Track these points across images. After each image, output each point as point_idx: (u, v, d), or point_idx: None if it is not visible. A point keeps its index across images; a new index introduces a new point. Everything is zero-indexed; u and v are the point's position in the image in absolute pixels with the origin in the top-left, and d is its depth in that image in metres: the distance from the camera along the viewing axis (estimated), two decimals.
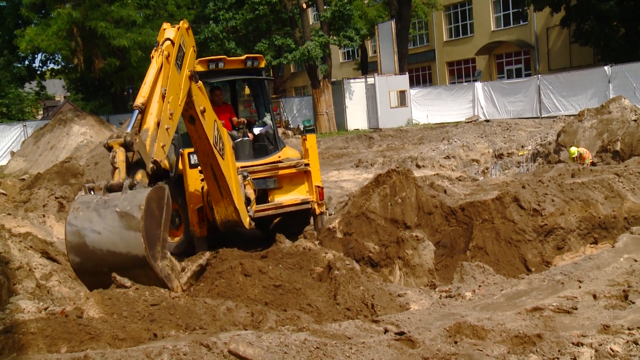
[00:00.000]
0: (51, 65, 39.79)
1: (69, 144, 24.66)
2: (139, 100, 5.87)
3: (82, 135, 25.27)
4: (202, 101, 7.23)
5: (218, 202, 8.01)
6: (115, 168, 5.47)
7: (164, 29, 6.75)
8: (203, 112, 7.20)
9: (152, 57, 6.41)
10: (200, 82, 7.21)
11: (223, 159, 7.69)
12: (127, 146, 5.48)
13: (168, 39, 6.53)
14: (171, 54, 6.45)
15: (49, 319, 4.44)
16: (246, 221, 8.39)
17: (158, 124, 5.94)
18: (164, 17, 35.29)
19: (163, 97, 6.13)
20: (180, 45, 6.72)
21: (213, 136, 7.43)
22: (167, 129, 6.14)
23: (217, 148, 7.56)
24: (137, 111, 5.77)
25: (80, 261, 5.17)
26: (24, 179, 18.17)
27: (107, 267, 5.14)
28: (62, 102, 54.29)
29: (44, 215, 9.32)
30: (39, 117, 52.30)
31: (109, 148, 5.55)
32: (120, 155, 5.50)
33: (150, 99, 5.97)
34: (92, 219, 5.17)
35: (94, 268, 5.19)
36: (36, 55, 37.75)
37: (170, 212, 5.76)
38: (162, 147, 5.99)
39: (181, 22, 7.08)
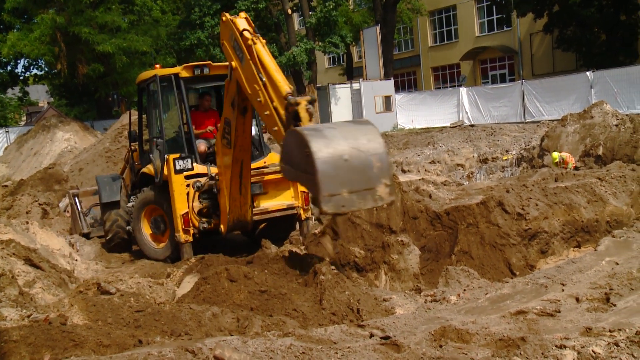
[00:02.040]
0: (34, 71, 39.53)
1: (53, 150, 24.47)
2: (286, 89, 6.51)
3: (66, 141, 25.08)
4: None
5: (235, 200, 8.07)
6: (311, 115, 6.07)
7: (230, 19, 7.21)
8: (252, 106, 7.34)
9: (252, 43, 6.90)
10: None
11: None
12: (312, 103, 6.20)
13: (245, 29, 7.02)
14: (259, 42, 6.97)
15: (32, 327, 4.41)
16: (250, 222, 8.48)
17: None
18: (148, 23, 35.24)
19: None
20: None
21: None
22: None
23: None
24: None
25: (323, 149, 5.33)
26: (6, 186, 18.00)
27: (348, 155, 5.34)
28: (46, 108, 53.84)
29: (27, 222, 9.23)
30: (22, 123, 51.81)
31: (296, 104, 6.14)
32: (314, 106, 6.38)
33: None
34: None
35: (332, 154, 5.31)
36: (19, 61, 37.49)
37: None
38: None
39: (241, 13, 7.46)
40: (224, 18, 7.46)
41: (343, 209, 5.44)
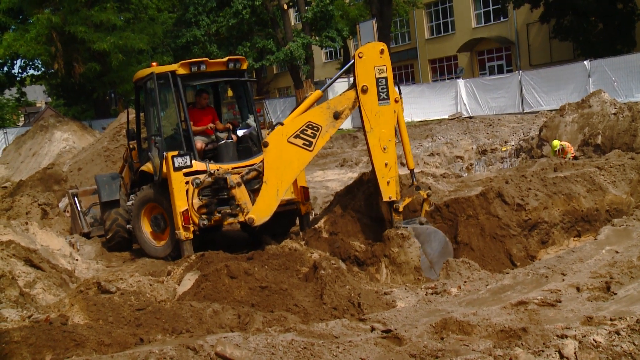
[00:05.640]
0: (31, 71, 39.43)
1: (52, 150, 24.41)
2: (413, 164, 8.36)
3: (64, 141, 25.01)
4: None
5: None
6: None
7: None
8: None
9: (401, 102, 8.21)
10: None
11: None
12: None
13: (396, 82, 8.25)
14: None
15: (33, 327, 4.41)
16: None
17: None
18: (144, 21, 35.15)
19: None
20: None
21: None
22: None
23: None
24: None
25: None
26: (5, 187, 17.99)
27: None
28: (44, 108, 53.76)
29: (27, 223, 9.22)
30: (20, 123, 51.77)
31: (429, 195, 8.05)
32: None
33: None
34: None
35: None
36: (15, 62, 37.39)
37: None
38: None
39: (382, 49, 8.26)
40: (383, 48, 8.29)
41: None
